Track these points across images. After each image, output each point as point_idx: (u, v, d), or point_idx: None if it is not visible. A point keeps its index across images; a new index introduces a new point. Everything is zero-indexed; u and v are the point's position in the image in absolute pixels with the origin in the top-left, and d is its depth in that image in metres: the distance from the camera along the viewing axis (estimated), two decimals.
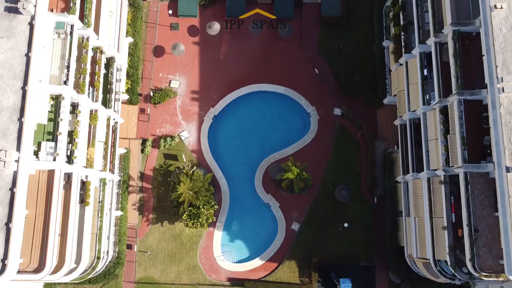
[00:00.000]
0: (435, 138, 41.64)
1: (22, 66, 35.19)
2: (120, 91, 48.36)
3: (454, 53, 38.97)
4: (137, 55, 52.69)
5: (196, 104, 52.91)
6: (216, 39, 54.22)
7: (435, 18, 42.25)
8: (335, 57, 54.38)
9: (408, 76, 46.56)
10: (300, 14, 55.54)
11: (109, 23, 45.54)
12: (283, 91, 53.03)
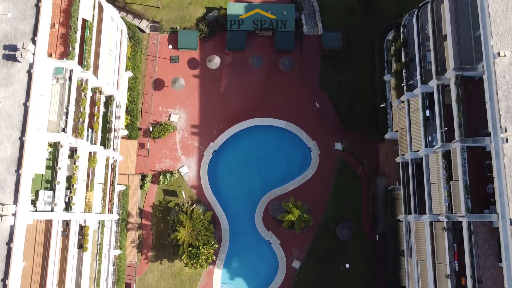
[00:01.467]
0: (438, 182, 41.18)
1: (20, 115, 34.75)
2: (120, 128, 47.84)
3: (457, 99, 38.59)
4: (136, 89, 52.30)
5: (196, 139, 52.46)
6: (216, 73, 53.86)
7: (437, 59, 41.92)
8: (336, 90, 54.02)
9: (410, 114, 46.19)
10: (300, 46, 55.24)
11: (109, 62, 45.17)
12: (284, 125, 52.63)
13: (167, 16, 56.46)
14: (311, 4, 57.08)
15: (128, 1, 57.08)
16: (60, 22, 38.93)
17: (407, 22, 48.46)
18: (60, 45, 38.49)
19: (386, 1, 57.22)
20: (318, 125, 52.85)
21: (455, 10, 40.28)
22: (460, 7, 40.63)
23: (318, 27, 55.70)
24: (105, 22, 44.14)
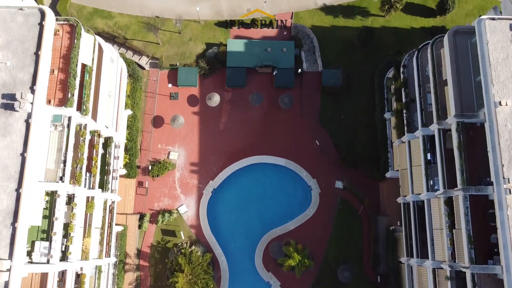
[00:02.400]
0: (440, 228, 40.63)
1: (17, 166, 34.28)
2: (118, 169, 47.36)
3: (459, 146, 38.27)
4: (136, 127, 52.01)
5: (195, 177, 51.98)
6: (216, 110, 53.67)
7: (438, 103, 41.77)
8: (336, 127, 53.81)
9: (411, 156, 45.85)
10: (300, 83, 55.21)
11: (108, 103, 44.96)
12: (284, 163, 52.22)
13: (167, 53, 56.57)
14: (310, 40, 57.27)
15: (128, 37, 57.32)
16: (60, 68, 38.83)
17: (407, 62, 48.48)
18: (59, 91, 38.31)
19: (385, 38, 57.50)
20: (318, 163, 52.45)
21: (455, 55, 40.27)
22: (460, 52, 40.65)
23: (318, 64, 55.74)
24: (105, 64, 44.04)
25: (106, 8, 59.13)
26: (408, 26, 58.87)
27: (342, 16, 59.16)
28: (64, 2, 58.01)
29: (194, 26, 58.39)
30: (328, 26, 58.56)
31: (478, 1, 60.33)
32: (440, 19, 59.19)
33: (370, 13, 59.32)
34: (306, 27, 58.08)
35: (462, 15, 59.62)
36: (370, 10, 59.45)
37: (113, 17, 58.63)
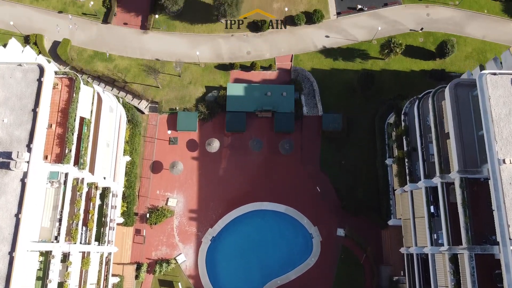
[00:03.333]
0: (446, 286, 39.46)
1: (11, 228, 33.40)
2: (115, 218, 46.43)
3: (463, 202, 37.52)
4: (134, 174, 51.32)
5: (194, 224, 51.01)
6: (215, 156, 53.09)
7: (440, 156, 41.20)
8: (337, 172, 53.12)
9: (414, 206, 45.03)
10: (300, 127, 54.84)
11: (106, 154, 44.38)
12: (284, 210, 51.35)
13: (167, 96, 56.39)
14: (310, 83, 57.19)
15: (128, 80, 57.26)
16: (58, 123, 38.39)
17: (408, 110, 48.16)
18: (57, 146, 37.75)
19: (385, 80, 57.49)
20: (319, 210, 51.57)
21: (457, 108, 39.92)
22: (462, 105, 40.31)
23: (318, 108, 55.49)
24: (104, 114, 43.69)
25: (106, 50, 59.25)
26: (408, 69, 58.96)
27: (342, 59, 59.32)
28: (64, 46, 58.19)
29: (194, 69, 58.41)
30: (328, 69, 58.62)
31: (477, 44, 60.63)
32: (439, 62, 59.34)
33: (369, 55, 59.51)
34: (306, 70, 58.12)
35: (462, 57, 59.80)
36: (370, 52, 59.66)
37: (113, 60, 58.69)
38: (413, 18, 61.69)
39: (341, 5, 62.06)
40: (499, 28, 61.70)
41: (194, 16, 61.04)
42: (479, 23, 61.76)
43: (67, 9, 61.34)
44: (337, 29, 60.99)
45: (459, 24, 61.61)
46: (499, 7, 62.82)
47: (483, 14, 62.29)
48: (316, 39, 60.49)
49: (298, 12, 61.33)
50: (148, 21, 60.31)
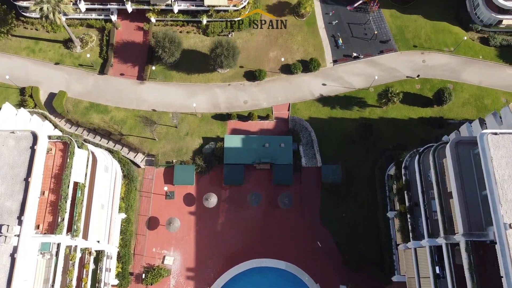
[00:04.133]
0: None
1: None
2: (109, 282, 44.72)
3: (470, 268, 36.21)
4: (129, 231, 49.96)
5: (191, 284, 49.29)
6: (213, 211, 51.90)
7: (443, 215, 40.11)
8: (338, 226, 51.89)
9: (418, 265, 43.64)
10: (299, 179, 53.92)
11: (100, 216, 43.14)
12: (285, 266, 49.81)
13: (163, 149, 55.65)
14: (308, 133, 56.69)
15: (124, 132, 56.62)
16: (51, 189, 37.36)
17: (408, 164, 47.46)
18: (49, 215, 36.59)
19: (383, 129, 57.04)
20: (321, 266, 50.04)
21: (458, 167, 39.14)
22: (464, 163, 39.52)
23: (317, 159, 54.76)
24: (99, 175, 42.72)
25: (103, 102, 58.96)
26: (406, 117, 58.67)
27: (339, 107, 59.09)
28: (60, 98, 57.82)
29: (191, 120, 57.94)
30: (326, 118, 58.30)
31: (473, 90, 60.68)
32: (437, 109, 59.14)
33: (367, 103, 59.35)
34: (304, 119, 57.74)
35: (459, 104, 59.68)
36: (367, 100, 59.51)
37: (109, 112, 58.25)
38: (409, 65, 61.96)
39: (337, 53, 62.39)
40: (494, 74, 61.94)
41: (190, 66, 61.11)
42: (474, 69, 62.03)
43: (63, 60, 61.35)
44: (334, 77, 61.08)
45: (455, 70, 61.86)
46: (494, 53, 63.27)
47: (478, 60, 62.66)
48: (313, 87, 60.44)
49: (295, 60, 61.54)
50: (145, 72, 60.29)
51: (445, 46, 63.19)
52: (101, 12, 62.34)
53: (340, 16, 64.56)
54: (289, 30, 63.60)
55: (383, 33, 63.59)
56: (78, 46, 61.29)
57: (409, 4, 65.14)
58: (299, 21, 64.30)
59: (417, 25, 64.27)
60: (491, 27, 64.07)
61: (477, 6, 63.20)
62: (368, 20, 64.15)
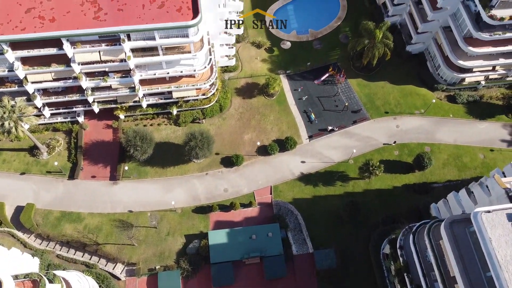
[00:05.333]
0: None
1: None
2: None
3: None
4: None
5: None
6: None
7: None
8: None
9: None
10: (293, 268, 50.99)
11: None
12: None
13: (144, 255, 52.02)
14: (295, 217, 54.61)
15: (100, 241, 52.91)
16: None
17: (403, 243, 45.55)
18: (28, 281, 32.05)
19: (370, 202, 55.68)
20: None
21: (458, 250, 37.38)
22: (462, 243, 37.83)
23: (307, 245, 52.27)
24: None
25: (75, 209, 55.57)
26: (390, 186, 57.72)
27: (322, 184, 57.68)
28: (28, 211, 54.07)
29: (170, 217, 55.00)
30: (310, 197, 56.58)
31: (450, 149, 60.90)
32: (419, 174, 58.63)
33: (349, 176, 58.29)
34: (288, 202, 55.85)
35: (440, 165, 59.44)
36: (349, 173, 58.51)
37: (82, 219, 54.71)
38: (384, 131, 62.08)
39: (311, 128, 62.05)
40: (467, 130, 62.72)
41: (165, 159, 59.14)
42: (448, 127, 62.71)
43: (30, 169, 58.30)
44: (312, 152, 60.23)
45: (429, 131, 62.31)
46: (463, 110, 64.53)
47: (449, 119, 63.58)
48: (293, 166, 59.21)
49: (270, 141, 60.62)
50: (118, 171, 57.81)
51: (416, 109, 64.08)
52: (67, 114, 60.53)
53: (309, 91, 65.04)
54: (260, 110, 63.25)
55: (353, 103, 64.13)
56: (44, 152, 58.67)
57: (373, 72, 66.54)
58: (269, 100, 64.28)
59: (385, 91, 65.33)
60: (455, 85, 65.89)
61: (439, 67, 65.25)
62: (337, 92, 64.81)
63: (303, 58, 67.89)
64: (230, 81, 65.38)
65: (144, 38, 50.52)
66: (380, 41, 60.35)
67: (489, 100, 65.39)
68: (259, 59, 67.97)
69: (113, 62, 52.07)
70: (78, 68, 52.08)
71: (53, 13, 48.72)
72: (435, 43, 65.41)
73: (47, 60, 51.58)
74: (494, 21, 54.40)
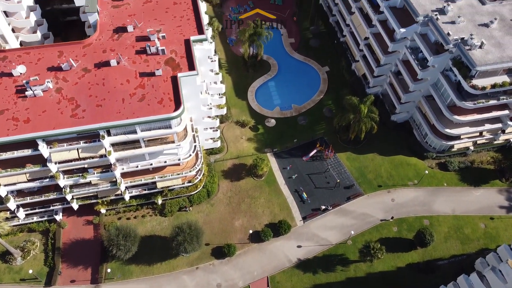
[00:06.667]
0: None
1: None
2: None
3: None
4: None
5: None
6: None
7: None
8: None
9: None
10: None
11: None
12: None
13: None
14: None
15: None
16: None
17: None
18: None
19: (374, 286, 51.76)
20: None
21: None
22: None
23: None
24: None
25: None
26: (394, 267, 54.34)
27: (321, 271, 53.95)
28: None
29: None
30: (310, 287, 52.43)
31: (450, 220, 58.71)
32: (422, 251, 55.74)
33: (349, 259, 54.85)
34: None
35: (441, 239, 56.78)
36: (349, 256, 55.12)
37: None
38: (379, 206, 59.70)
39: (304, 209, 59.27)
40: (463, 199, 60.94)
41: (151, 255, 54.82)
42: (444, 197, 60.86)
43: (1, 278, 52.91)
44: (307, 235, 56.95)
45: (426, 203, 60.25)
46: (456, 178, 63.21)
47: (444, 188, 61.96)
48: (289, 252, 55.54)
49: (263, 226, 57.34)
50: (100, 273, 53.04)
51: (409, 180, 62.42)
52: (44, 213, 56.45)
53: (299, 169, 63.06)
54: (250, 193, 60.50)
55: (345, 179, 62.16)
56: (18, 257, 53.76)
57: (361, 144, 65.48)
58: (259, 181, 61.83)
59: (376, 163, 63.88)
60: (445, 152, 65.10)
61: (426, 135, 64.70)
62: (327, 168, 62.98)
63: (289, 135, 66.71)
64: (216, 164, 63.09)
65: (125, 132, 48.33)
66: (366, 116, 59.76)
67: (480, 165, 64.50)
68: (244, 139, 66.42)
69: (92, 158, 49.35)
70: (55, 167, 49.10)
71: (28, 114, 46.45)
72: (419, 111, 65.39)
73: (21, 161, 48.57)
74: (476, 90, 54.66)
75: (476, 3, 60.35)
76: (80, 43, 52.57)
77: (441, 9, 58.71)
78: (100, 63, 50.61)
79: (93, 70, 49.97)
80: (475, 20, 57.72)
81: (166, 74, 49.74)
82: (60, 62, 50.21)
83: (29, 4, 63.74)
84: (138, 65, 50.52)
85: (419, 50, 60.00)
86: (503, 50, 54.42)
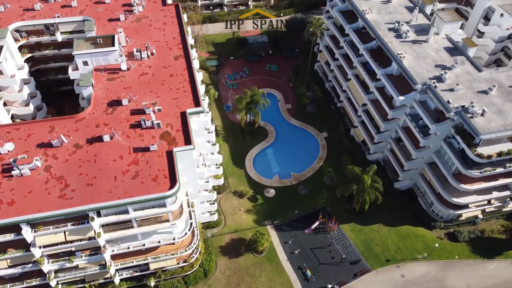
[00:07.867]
0: None
1: None
2: None
3: None
4: None
5: None
6: None
7: None
8: None
9: None
10: None
11: None
12: None
13: None
14: None
15: None
16: None
17: None
18: None
19: None
20: None
21: None
22: None
23: None
24: None
25: None
26: None
27: None
28: None
29: None
30: None
31: None
32: None
33: None
34: None
35: None
36: None
37: None
38: (389, 284, 55.51)
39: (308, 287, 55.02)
40: (477, 273, 57.09)
41: None
42: (456, 272, 56.97)
43: None
44: None
45: (438, 279, 56.23)
46: (467, 249, 59.75)
47: (456, 261, 58.26)
48: None
49: None
50: None
51: (418, 253, 58.78)
52: None
53: (301, 243, 59.39)
54: (250, 271, 56.30)
55: (350, 253, 58.41)
56: None
57: (365, 214, 62.47)
58: (259, 258, 57.84)
59: (381, 235, 60.48)
60: (453, 221, 62.15)
61: (432, 203, 62.05)
62: (331, 242, 59.38)
63: (289, 205, 63.72)
64: (213, 239, 59.35)
65: (117, 213, 45.14)
66: (369, 187, 57.33)
67: (491, 235, 61.32)
68: (243, 210, 63.22)
69: (80, 241, 45.71)
70: (39, 251, 45.26)
71: (12, 195, 43.38)
72: (423, 178, 63.19)
73: (3, 246, 44.79)
74: (482, 159, 52.85)
75: (473, 70, 60.35)
76: (72, 118, 50.86)
77: (439, 76, 58.48)
78: (93, 139, 48.52)
79: (85, 146, 47.75)
80: (474, 87, 57.29)
81: (161, 149, 47.55)
82: (50, 139, 48.05)
83: (23, 77, 62.83)
84: (132, 140, 48.46)
85: (419, 117, 58.97)
86: (505, 118, 53.40)
